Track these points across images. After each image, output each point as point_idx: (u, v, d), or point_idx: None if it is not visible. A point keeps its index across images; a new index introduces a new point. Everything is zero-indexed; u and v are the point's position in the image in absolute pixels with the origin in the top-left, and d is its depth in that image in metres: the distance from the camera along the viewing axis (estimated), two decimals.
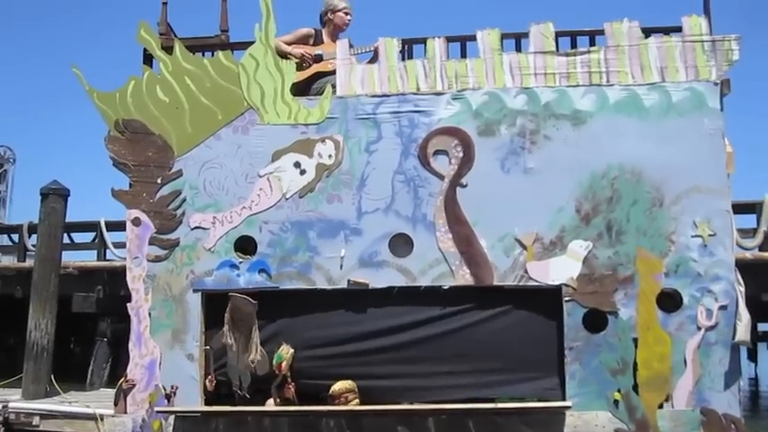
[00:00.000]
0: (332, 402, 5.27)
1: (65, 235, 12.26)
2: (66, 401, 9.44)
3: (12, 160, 33.69)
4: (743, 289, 5.19)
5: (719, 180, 5.28)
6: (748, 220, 11.82)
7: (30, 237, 14.27)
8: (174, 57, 5.84)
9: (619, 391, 5.07)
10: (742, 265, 5.43)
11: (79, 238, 14.75)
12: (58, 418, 8.53)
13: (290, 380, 5.35)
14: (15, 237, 15.57)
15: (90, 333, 12.84)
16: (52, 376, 10.50)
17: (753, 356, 19.18)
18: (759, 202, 11.62)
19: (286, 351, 5.35)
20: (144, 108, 5.79)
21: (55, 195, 11.49)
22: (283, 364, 5.30)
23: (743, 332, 5.05)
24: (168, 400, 5.40)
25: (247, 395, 5.42)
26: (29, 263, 13.01)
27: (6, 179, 33.17)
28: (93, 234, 14.19)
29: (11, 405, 8.64)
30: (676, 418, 5.02)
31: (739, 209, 10.00)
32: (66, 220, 11.88)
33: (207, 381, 5.47)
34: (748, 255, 10.58)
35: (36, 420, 8.48)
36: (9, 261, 15.14)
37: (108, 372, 11.70)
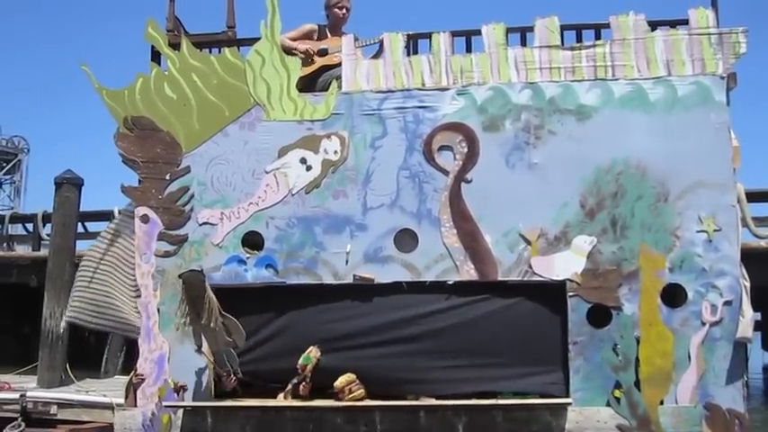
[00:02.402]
0: (337, 398, 5.32)
1: (79, 224, 12.37)
2: (83, 390, 9.58)
3: (26, 150, 33.98)
4: (748, 284, 5.19)
5: (725, 175, 5.27)
6: (762, 209, 11.75)
7: (44, 226, 14.39)
8: (181, 53, 5.88)
9: (619, 388, 5.10)
10: (756, 255, 5.41)
11: (93, 227, 14.86)
12: (75, 407, 8.65)
13: (308, 380, 5.39)
14: (30, 226, 15.71)
15: None
16: (67, 364, 10.64)
17: (767, 345, 19.07)
18: None
19: (315, 354, 5.38)
20: (152, 105, 5.85)
21: (69, 184, 11.57)
22: (308, 367, 5.34)
23: (745, 329, 5.05)
24: (178, 394, 5.48)
25: (241, 375, 5.44)
26: (43, 252, 13.14)
27: (20, 169, 33.50)
28: (107, 223, 14.29)
29: (29, 394, 8.78)
30: (678, 415, 5.04)
31: (753, 197, 9.97)
32: (81, 210, 11.99)
33: (226, 380, 5.47)
34: (763, 243, 10.53)
35: (54, 409, 8.60)
36: (24, 250, 15.30)
37: (122, 360, 11.83)
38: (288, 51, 5.90)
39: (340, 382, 5.31)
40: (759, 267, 5.32)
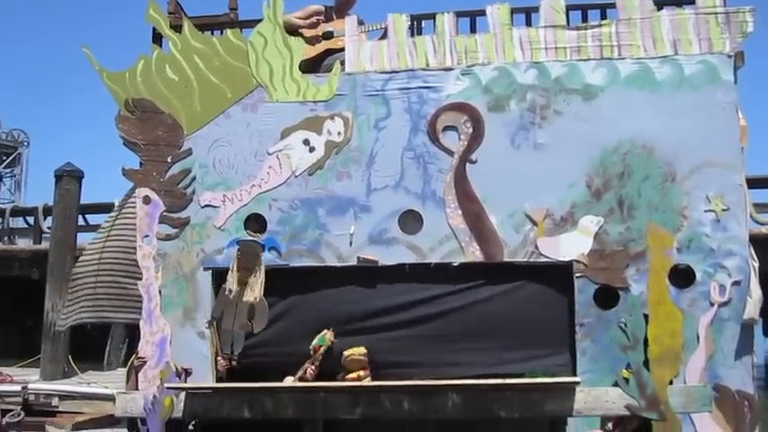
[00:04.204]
0: (344, 367, 5.27)
1: (80, 216, 12.38)
2: (84, 382, 9.57)
3: (26, 143, 34.02)
4: (756, 264, 5.13)
5: (733, 154, 5.19)
6: (764, 195, 11.75)
7: (45, 219, 14.44)
8: (183, 35, 5.81)
9: (628, 368, 5.03)
10: (757, 241, 5.37)
11: (94, 219, 14.87)
12: (76, 399, 8.65)
13: (317, 363, 5.32)
14: (31, 219, 15.74)
15: None
16: (70, 357, 10.63)
17: None
18: None
19: (329, 336, 5.32)
20: (154, 87, 5.78)
21: (69, 177, 11.61)
22: (322, 349, 5.28)
23: (752, 309, 4.99)
24: (180, 377, 5.43)
25: (236, 362, 5.43)
26: (44, 245, 13.16)
27: (21, 162, 33.53)
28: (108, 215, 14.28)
29: (30, 386, 8.77)
30: (688, 395, 4.98)
31: (754, 183, 9.94)
32: (81, 202, 11.98)
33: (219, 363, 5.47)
34: (763, 229, 10.54)
35: (55, 401, 8.61)
36: (25, 243, 15.33)
37: (125, 352, 11.86)
38: (294, 31, 5.84)
39: (349, 353, 5.25)
40: (761, 253, 5.26)
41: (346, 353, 5.26)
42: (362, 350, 5.27)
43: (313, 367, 5.31)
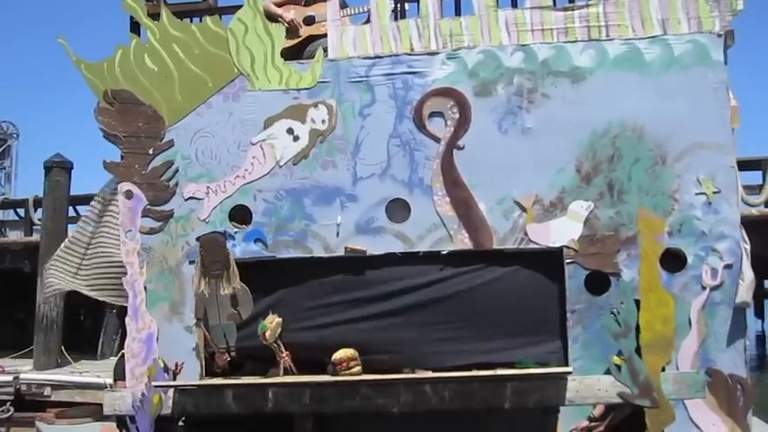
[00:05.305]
0: (334, 370, 5.20)
1: (70, 208, 12.29)
2: (77, 371, 9.53)
3: (15, 135, 33.82)
4: (748, 247, 5.07)
5: (724, 135, 5.11)
6: (754, 177, 11.78)
7: (36, 211, 14.35)
8: (161, 24, 5.67)
9: (620, 355, 4.97)
10: (747, 222, 5.32)
11: (84, 210, 14.79)
12: (68, 389, 8.61)
13: (282, 349, 5.25)
14: (21, 211, 15.65)
15: (99, 305, 12.90)
16: (63, 347, 10.58)
17: (760, 313, 19.16)
18: (765, 158, 11.56)
19: (270, 320, 5.23)
20: (133, 77, 5.65)
21: (59, 168, 11.52)
22: (267, 334, 5.17)
23: (744, 293, 4.93)
24: (169, 374, 5.35)
25: (234, 353, 5.33)
26: (35, 237, 13.07)
27: (10, 154, 33.36)
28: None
29: (22, 376, 8.73)
30: (681, 381, 4.93)
31: (745, 165, 9.91)
32: (71, 193, 11.88)
33: (219, 357, 5.38)
34: (754, 211, 10.55)
35: (47, 391, 8.58)
36: (16, 236, 15.26)
37: (118, 342, 11.82)
38: (273, 18, 5.72)
39: (340, 355, 5.16)
40: (750, 235, 5.20)
41: (337, 356, 5.16)
42: (351, 352, 5.18)
43: (283, 354, 5.23)
